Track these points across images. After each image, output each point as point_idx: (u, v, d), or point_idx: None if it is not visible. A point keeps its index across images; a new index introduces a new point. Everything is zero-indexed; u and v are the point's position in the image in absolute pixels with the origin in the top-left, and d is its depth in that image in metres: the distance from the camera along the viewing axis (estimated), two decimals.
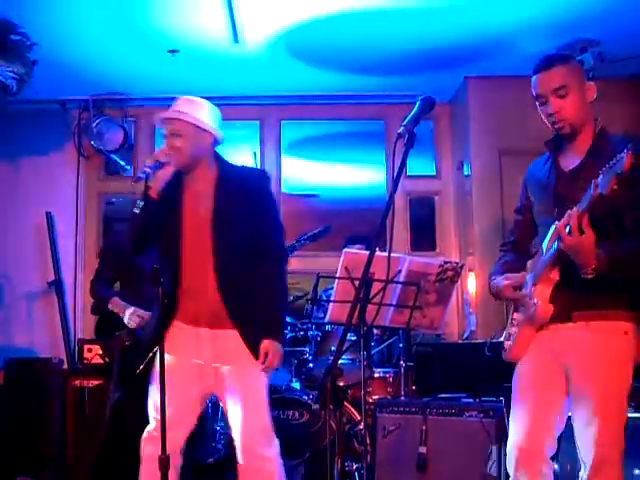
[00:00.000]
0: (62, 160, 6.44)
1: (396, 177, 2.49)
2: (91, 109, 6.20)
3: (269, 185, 3.33)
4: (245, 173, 3.37)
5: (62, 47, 5.28)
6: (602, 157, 2.40)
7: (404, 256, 4.27)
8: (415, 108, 2.55)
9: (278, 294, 3.22)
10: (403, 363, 4.48)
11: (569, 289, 2.66)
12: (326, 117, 6.67)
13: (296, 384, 4.77)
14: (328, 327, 4.74)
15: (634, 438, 3.51)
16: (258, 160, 6.59)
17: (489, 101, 6.00)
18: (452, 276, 4.22)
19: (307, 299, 4.93)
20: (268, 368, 3.10)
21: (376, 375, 4.66)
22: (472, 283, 5.95)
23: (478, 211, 5.98)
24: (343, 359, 4.46)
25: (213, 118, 3.23)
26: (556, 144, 2.86)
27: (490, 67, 5.75)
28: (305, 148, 6.83)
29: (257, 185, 3.26)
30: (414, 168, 6.44)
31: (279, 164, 6.57)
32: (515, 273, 2.88)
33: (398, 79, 6.03)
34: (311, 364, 4.72)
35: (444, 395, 4.26)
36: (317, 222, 4.84)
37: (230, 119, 4.26)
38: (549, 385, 2.75)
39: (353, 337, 4.19)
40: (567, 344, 2.69)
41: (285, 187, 6.58)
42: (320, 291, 4.84)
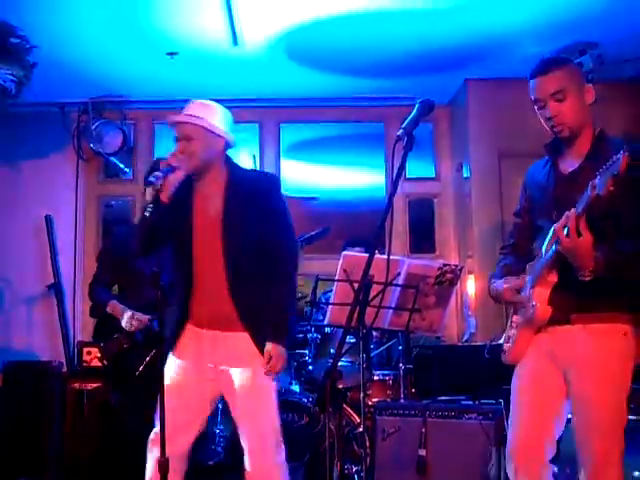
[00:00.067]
0: (61, 163, 6.44)
1: (395, 179, 2.49)
2: (90, 112, 6.20)
3: (279, 188, 3.31)
4: (255, 177, 3.37)
5: (61, 49, 5.27)
6: (601, 160, 2.40)
7: (403, 259, 4.26)
8: (414, 110, 2.55)
9: (285, 297, 3.18)
10: (402, 366, 4.48)
11: (567, 291, 2.65)
12: (325, 120, 6.67)
13: (296, 387, 4.77)
14: (327, 329, 4.74)
15: (633, 440, 3.52)
16: (257, 163, 6.58)
17: (488, 103, 6.00)
18: (451, 279, 4.21)
19: (306, 301, 4.93)
20: (270, 372, 3.08)
21: (375, 378, 4.65)
22: (471, 285, 5.95)
23: (477, 213, 5.98)
24: (342, 362, 4.45)
25: (225, 122, 3.21)
26: (555, 147, 2.85)
27: (489, 69, 5.76)
28: (304, 151, 6.83)
29: (267, 188, 3.26)
30: (413, 170, 6.45)
31: (278, 167, 6.57)
32: (515, 276, 2.88)
33: (397, 81, 6.03)
34: (310, 367, 4.71)
35: (443, 398, 4.26)
36: (316, 225, 4.83)
37: None
38: (548, 387, 2.75)
39: (352, 339, 4.19)
40: (566, 346, 2.69)
41: (284, 190, 6.53)
42: (319, 293, 4.84)
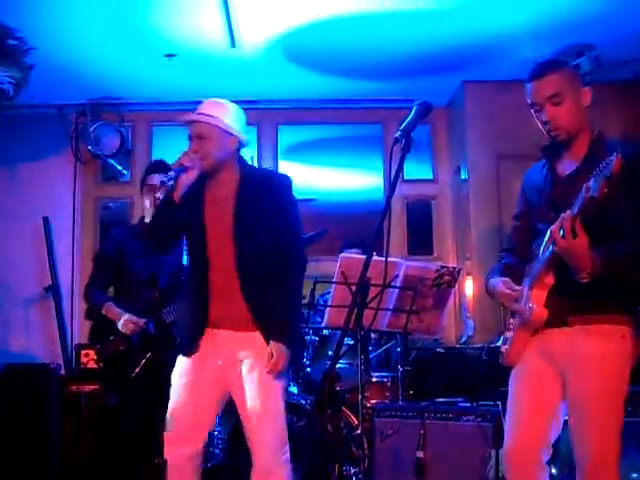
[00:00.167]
0: (59, 165, 6.43)
1: (393, 181, 2.49)
2: (88, 114, 6.19)
3: (291, 189, 3.28)
4: (267, 176, 3.37)
5: (59, 51, 5.27)
6: (598, 162, 2.40)
7: (401, 261, 4.27)
8: (412, 112, 2.55)
9: (291, 297, 3.18)
10: (400, 367, 4.48)
11: (565, 293, 2.65)
12: (323, 121, 6.67)
13: (294, 388, 4.76)
14: (325, 332, 4.74)
15: (631, 442, 3.52)
16: (255, 164, 6.58)
17: (486, 105, 6.00)
18: (449, 281, 4.22)
19: (304, 304, 4.93)
20: (272, 371, 3.08)
21: (373, 379, 4.64)
22: (469, 287, 5.95)
23: (475, 215, 5.97)
24: (340, 363, 4.45)
25: (239, 121, 3.22)
26: (552, 150, 2.85)
27: (487, 71, 5.76)
28: (302, 152, 6.83)
29: (279, 188, 3.24)
30: (411, 172, 6.44)
31: (276, 168, 6.54)
32: (515, 275, 2.86)
33: (395, 83, 6.03)
34: (309, 369, 4.71)
35: (441, 399, 4.26)
36: (315, 226, 4.82)
37: None
38: (545, 389, 2.75)
39: (350, 341, 4.19)
40: (563, 348, 2.69)
41: None
42: (317, 296, 4.84)
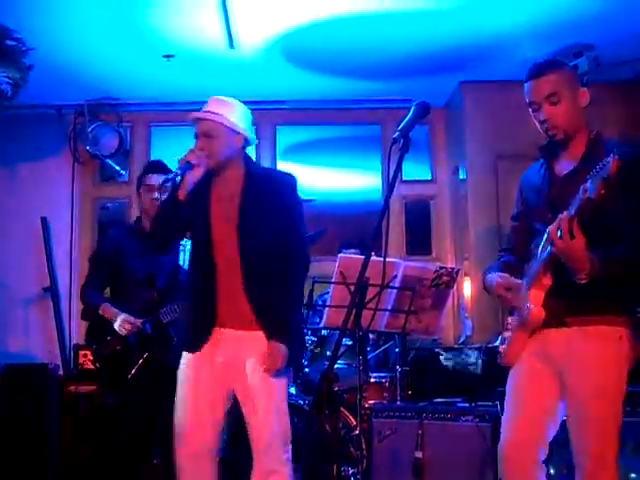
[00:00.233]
0: (57, 165, 6.43)
1: (391, 181, 2.49)
2: (86, 114, 6.19)
3: (296, 188, 3.28)
4: (273, 175, 3.37)
5: (58, 52, 5.27)
6: (596, 162, 2.40)
7: (400, 261, 4.27)
8: (410, 113, 2.54)
9: (292, 298, 3.18)
10: (399, 368, 4.48)
11: (563, 294, 2.65)
12: (321, 122, 6.67)
13: (292, 389, 4.75)
14: (324, 332, 4.74)
15: (630, 442, 3.52)
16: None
17: (484, 105, 6.00)
18: (448, 281, 4.21)
19: (303, 304, 4.93)
20: (269, 370, 3.08)
21: (372, 380, 4.64)
22: (468, 288, 5.95)
23: (474, 215, 5.98)
24: (339, 364, 4.45)
25: (245, 119, 3.24)
26: (550, 150, 2.85)
27: (485, 71, 5.76)
28: (301, 153, 6.82)
29: (284, 187, 3.24)
30: (410, 172, 6.45)
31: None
32: (513, 273, 2.86)
33: (394, 84, 6.03)
34: (307, 369, 4.71)
35: (440, 400, 4.26)
36: (313, 226, 4.81)
37: None
38: (542, 389, 2.75)
39: (349, 342, 4.19)
40: (561, 349, 2.69)
41: None
42: (316, 296, 4.84)
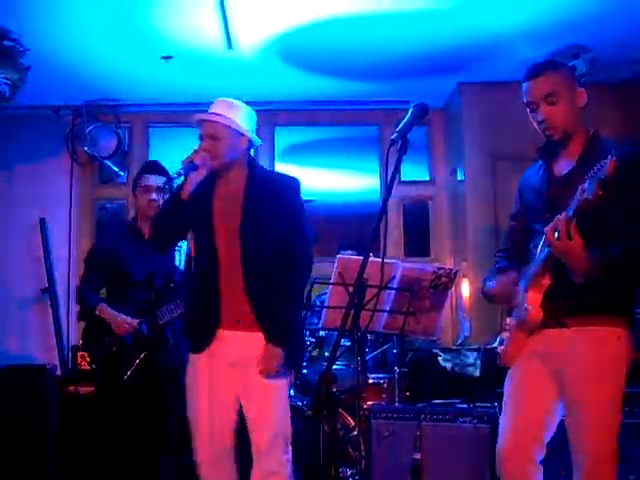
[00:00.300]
0: (56, 166, 6.42)
1: (389, 183, 2.49)
2: (85, 115, 6.19)
3: (298, 191, 3.29)
4: (276, 178, 3.37)
5: (56, 52, 5.26)
6: (594, 162, 2.40)
7: (398, 262, 4.27)
8: (408, 114, 2.54)
9: (292, 300, 3.18)
10: (397, 369, 4.48)
11: (561, 295, 2.66)
12: (320, 123, 6.67)
13: (290, 390, 4.76)
14: (322, 333, 4.74)
15: (628, 443, 3.52)
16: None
17: (482, 107, 5.99)
18: (446, 282, 4.22)
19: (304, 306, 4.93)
20: (262, 372, 3.09)
21: (370, 381, 4.64)
22: (466, 289, 5.95)
23: (472, 217, 5.97)
24: (337, 365, 4.45)
25: (250, 121, 3.25)
26: (549, 150, 2.86)
27: (483, 72, 5.75)
28: (299, 154, 6.82)
29: (286, 190, 3.25)
30: (408, 174, 6.45)
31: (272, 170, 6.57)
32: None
33: (392, 85, 6.03)
34: (305, 370, 4.71)
35: (438, 401, 4.26)
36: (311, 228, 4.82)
37: None
38: (540, 389, 2.75)
39: (347, 343, 4.19)
40: (560, 350, 2.69)
41: None
42: (314, 297, 4.84)
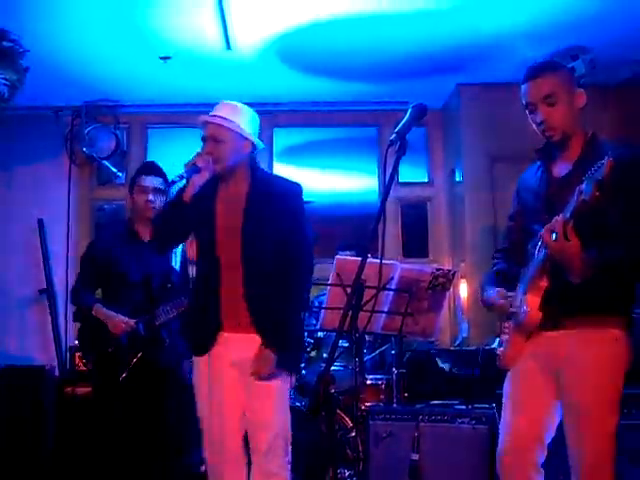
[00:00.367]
0: (54, 167, 6.41)
1: (388, 184, 2.49)
2: (83, 116, 6.19)
3: (301, 197, 3.28)
4: (278, 182, 3.35)
5: (55, 53, 5.26)
6: (592, 164, 2.40)
7: (396, 263, 4.27)
8: (407, 115, 2.54)
9: (290, 305, 3.16)
10: (395, 370, 4.47)
11: (559, 296, 2.65)
12: (318, 123, 6.67)
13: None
14: (320, 334, 4.73)
15: (626, 445, 3.52)
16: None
17: (481, 108, 5.99)
18: (444, 283, 4.22)
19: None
20: (254, 374, 3.08)
21: (368, 382, 4.64)
22: (464, 290, 5.95)
23: (470, 218, 5.97)
24: (335, 366, 4.45)
25: (253, 125, 3.25)
26: (547, 151, 2.86)
27: (482, 73, 5.76)
28: (297, 155, 6.82)
29: (288, 195, 3.24)
30: (406, 175, 6.45)
31: (271, 171, 6.55)
32: (508, 281, 2.86)
33: (391, 85, 6.03)
34: (303, 371, 4.71)
35: (436, 402, 4.25)
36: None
37: None
38: (539, 392, 2.75)
39: (345, 344, 4.19)
40: (558, 351, 2.69)
41: None
42: (312, 298, 4.84)
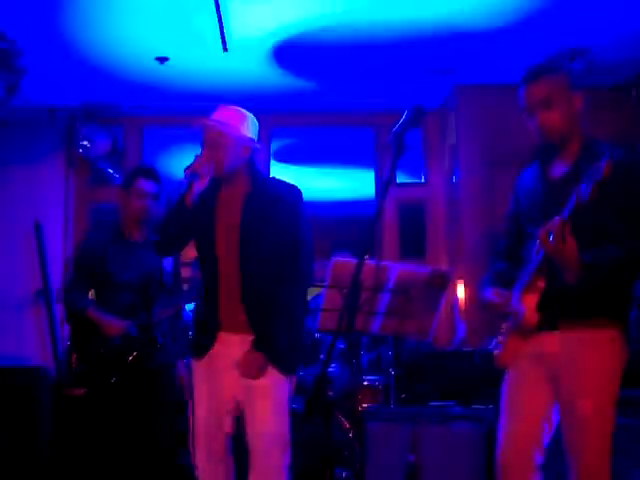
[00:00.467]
0: (51, 168, 6.41)
1: (385, 185, 2.49)
2: (80, 116, 6.19)
3: (300, 200, 3.27)
4: (277, 186, 3.34)
5: (52, 54, 5.26)
6: (589, 166, 2.41)
7: (393, 264, 4.27)
8: (404, 116, 2.55)
9: (287, 308, 3.15)
10: (392, 371, 4.47)
11: (556, 297, 2.66)
12: (315, 124, 6.67)
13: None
14: (317, 335, 4.73)
15: (622, 445, 3.52)
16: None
17: (479, 108, 6.00)
18: (441, 284, 4.22)
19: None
20: (242, 375, 3.08)
21: (365, 383, 4.64)
22: (461, 291, 5.95)
23: (467, 219, 5.97)
24: (332, 367, 4.45)
25: (253, 129, 3.24)
26: (544, 154, 2.86)
27: (480, 75, 5.77)
28: (294, 156, 6.83)
29: (287, 199, 3.23)
30: (404, 176, 6.46)
31: (268, 171, 6.56)
32: (506, 281, 2.86)
33: (388, 86, 6.03)
34: (300, 372, 4.71)
35: (434, 403, 4.25)
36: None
37: None
38: (537, 392, 2.75)
39: (342, 345, 4.19)
40: (555, 352, 2.69)
41: None
42: (308, 299, 4.83)
